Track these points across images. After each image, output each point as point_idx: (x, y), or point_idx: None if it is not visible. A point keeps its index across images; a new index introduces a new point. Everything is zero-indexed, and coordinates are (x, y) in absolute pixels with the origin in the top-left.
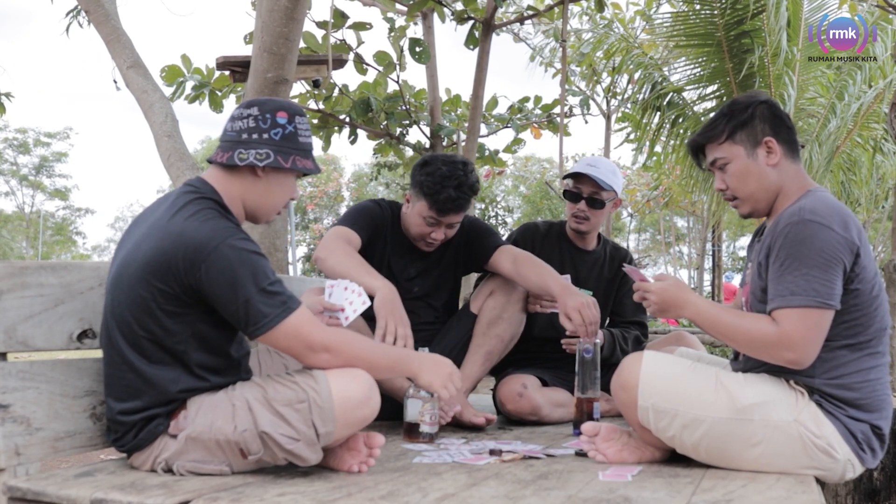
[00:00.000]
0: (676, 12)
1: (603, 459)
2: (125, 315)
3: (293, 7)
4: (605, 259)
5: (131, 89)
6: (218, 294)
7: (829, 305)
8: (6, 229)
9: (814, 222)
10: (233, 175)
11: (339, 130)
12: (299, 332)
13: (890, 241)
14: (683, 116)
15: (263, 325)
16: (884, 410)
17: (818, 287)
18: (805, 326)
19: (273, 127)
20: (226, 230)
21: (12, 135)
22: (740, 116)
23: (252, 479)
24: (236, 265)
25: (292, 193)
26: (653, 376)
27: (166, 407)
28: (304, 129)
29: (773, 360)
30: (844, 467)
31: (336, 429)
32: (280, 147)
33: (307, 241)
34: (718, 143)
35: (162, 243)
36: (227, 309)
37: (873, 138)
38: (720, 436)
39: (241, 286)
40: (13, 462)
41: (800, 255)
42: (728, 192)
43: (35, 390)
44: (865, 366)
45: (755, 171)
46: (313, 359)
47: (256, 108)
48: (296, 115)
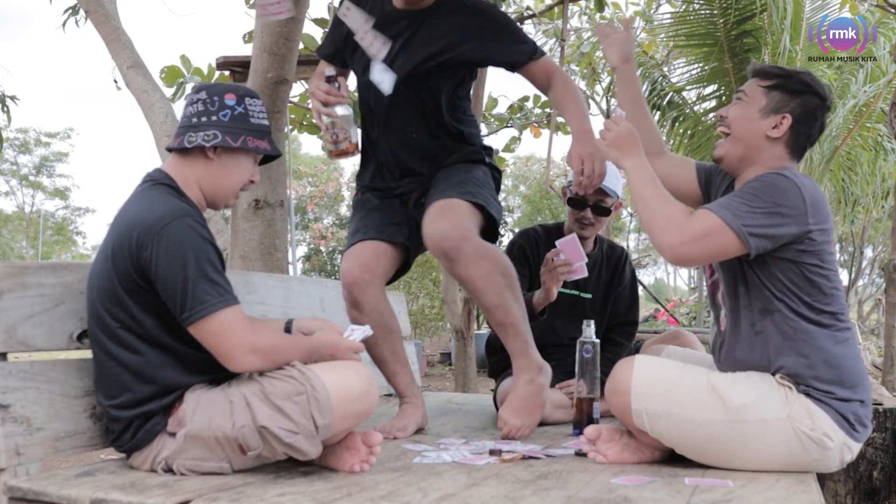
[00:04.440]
0: (677, 12)
1: (603, 460)
2: (98, 308)
3: (293, 7)
4: (603, 261)
5: (131, 89)
6: (161, 273)
7: (744, 239)
8: (6, 229)
9: (791, 180)
10: (186, 160)
11: None
12: (233, 327)
13: (890, 241)
14: (683, 116)
15: (199, 311)
16: (864, 382)
17: (751, 221)
18: (710, 234)
19: (221, 109)
20: (178, 209)
21: (13, 135)
22: (793, 85)
23: (252, 479)
24: (185, 246)
25: (250, 175)
26: (644, 380)
27: (159, 401)
28: (257, 111)
29: (656, 238)
30: (841, 452)
31: (334, 421)
32: (229, 128)
33: (307, 241)
34: (759, 83)
35: (118, 230)
36: (167, 290)
37: (874, 138)
38: (715, 437)
39: (184, 267)
40: (13, 462)
41: (760, 194)
42: (725, 120)
43: (35, 390)
44: (837, 340)
45: (753, 126)
46: (240, 359)
47: (205, 91)
48: (246, 96)
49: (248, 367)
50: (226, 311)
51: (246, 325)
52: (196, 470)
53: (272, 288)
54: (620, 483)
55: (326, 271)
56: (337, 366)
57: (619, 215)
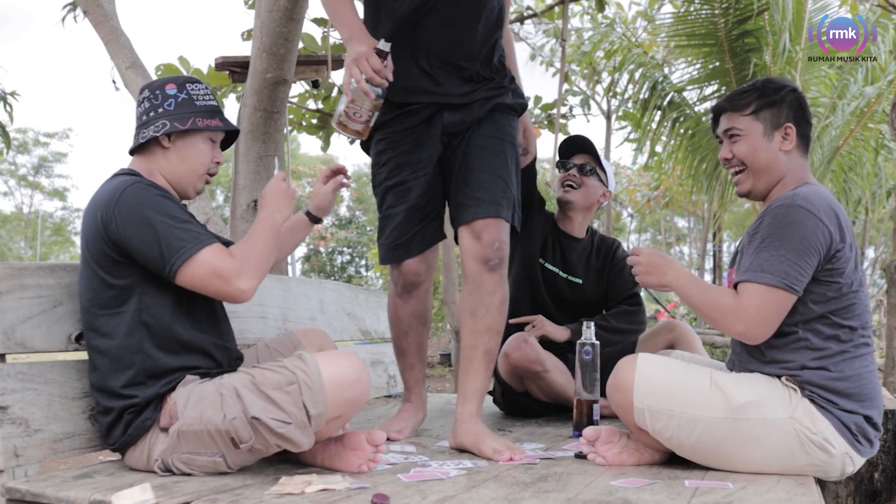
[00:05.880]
0: (677, 12)
1: (602, 462)
2: (84, 300)
3: (292, 7)
4: (594, 249)
5: (130, 90)
6: (131, 238)
7: (793, 290)
8: (4, 229)
9: (804, 209)
10: (146, 156)
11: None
12: (215, 262)
13: (891, 242)
14: (684, 116)
15: (178, 257)
16: (874, 399)
17: (789, 270)
18: (765, 304)
19: (165, 100)
20: (128, 180)
21: (12, 134)
22: (771, 96)
23: (251, 481)
24: (143, 205)
25: (214, 157)
26: (647, 377)
27: (146, 387)
28: (201, 94)
29: (725, 330)
30: (843, 462)
31: (327, 410)
32: (175, 115)
33: (307, 241)
34: (741, 114)
35: (85, 221)
36: (142, 252)
37: (875, 138)
38: (717, 436)
39: (150, 224)
40: (12, 464)
41: (782, 237)
42: (734, 160)
43: (34, 391)
44: (852, 356)
45: (766, 152)
46: (236, 288)
47: (147, 90)
48: (186, 83)
49: (247, 292)
50: (205, 250)
51: (227, 256)
52: (190, 464)
53: (271, 289)
54: (620, 485)
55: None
56: (327, 354)
57: (619, 215)
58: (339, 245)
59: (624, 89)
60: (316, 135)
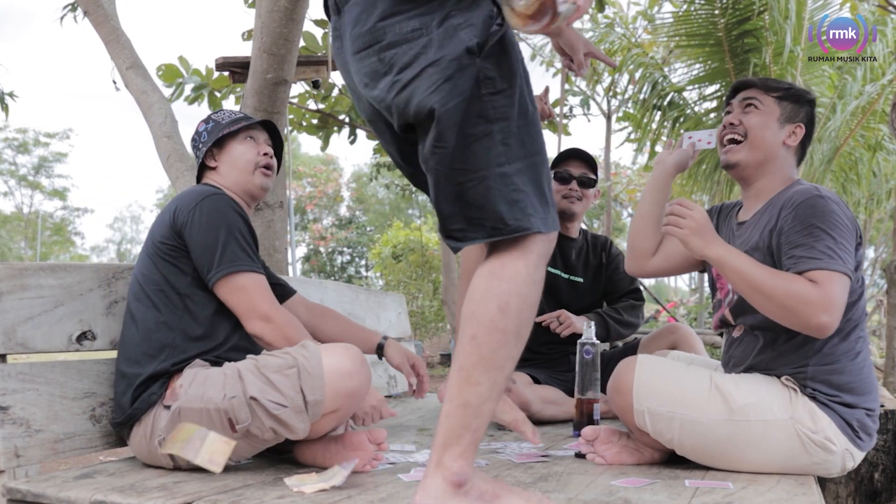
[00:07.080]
0: (677, 12)
1: (602, 462)
2: (137, 279)
3: (293, 8)
4: (589, 247)
5: (130, 90)
6: (195, 234)
7: (852, 275)
8: (4, 229)
9: (832, 200)
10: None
11: (338, 130)
12: (254, 289)
13: (891, 241)
14: (684, 116)
15: (227, 268)
16: (873, 392)
17: (846, 257)
18: (843, 292)
19: (200, 136)
20: (217, 191)
21: (12, 135)
22: (798, 95)
23: (252, 482)
24: (221, 215)
25: (258, 150)
26: (647, 380)
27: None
28: (225, 116)
29: (803, 322)
30: (843, 459)
31: (325, 399)
32: (209, 140)
33: (307, 241)
34: (767, 93)
35: (163, 211)
36: (198, 249)
37: (875, 138)
38: (717, 437)
39: (219, 231)
40: (13, 464)
41: (829, 225)
42: (740, 127)
43: (34, 392)
44: (852, 349)
45: (773, 135)
46: (254, 321)
47: (192, 141)
48: (210, 115)
49: (259, 331)
50: (251, 274)
51: (266, 293)
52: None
53: None
54: (621, 485)
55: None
56: (330, 345)
57: (619, 215)
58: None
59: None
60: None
